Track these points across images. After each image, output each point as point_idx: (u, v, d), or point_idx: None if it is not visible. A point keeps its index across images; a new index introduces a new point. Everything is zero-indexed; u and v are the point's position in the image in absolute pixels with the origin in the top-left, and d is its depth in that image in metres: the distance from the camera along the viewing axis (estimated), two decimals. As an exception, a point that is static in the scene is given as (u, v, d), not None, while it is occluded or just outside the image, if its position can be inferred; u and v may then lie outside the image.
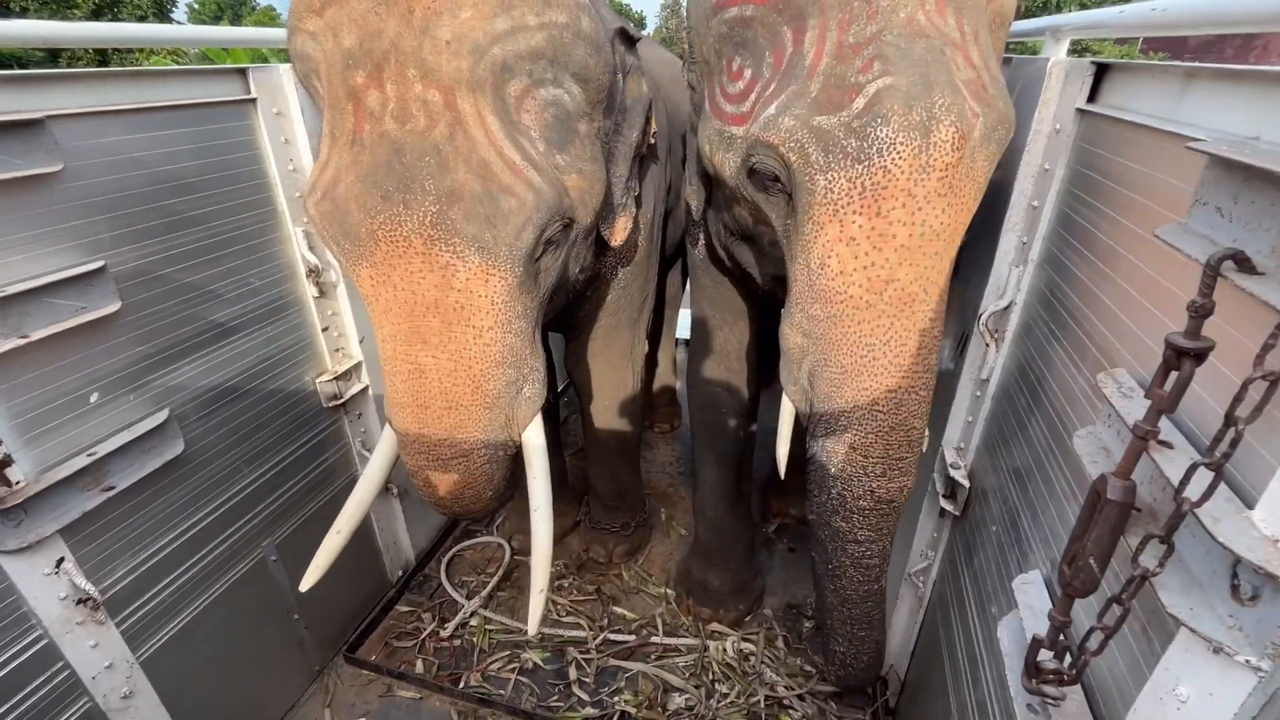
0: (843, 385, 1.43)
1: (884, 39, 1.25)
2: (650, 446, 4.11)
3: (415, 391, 1.51)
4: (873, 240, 1.30)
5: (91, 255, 1.64)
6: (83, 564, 1.71)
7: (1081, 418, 1.27)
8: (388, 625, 2.91)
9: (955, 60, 1.25)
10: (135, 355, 1.79)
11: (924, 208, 1.26)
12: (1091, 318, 1.30)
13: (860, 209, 1.29)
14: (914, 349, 1.37)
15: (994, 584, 1.60)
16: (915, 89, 1.22)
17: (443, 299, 1.42)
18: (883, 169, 1.24)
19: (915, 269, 1.31)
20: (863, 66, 1.25)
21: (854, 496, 1.50)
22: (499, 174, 1.39)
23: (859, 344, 1.38)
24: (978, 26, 1.30)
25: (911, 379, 1.39)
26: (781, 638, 2.80)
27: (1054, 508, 1.33)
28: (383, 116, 1.36)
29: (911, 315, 1.35)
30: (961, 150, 1.24)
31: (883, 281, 1.32)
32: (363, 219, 1.38)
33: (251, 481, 2.22)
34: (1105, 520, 0.86)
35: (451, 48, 1.32)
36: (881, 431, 1.43)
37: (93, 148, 1.62)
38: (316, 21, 1.38)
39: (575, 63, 1.49)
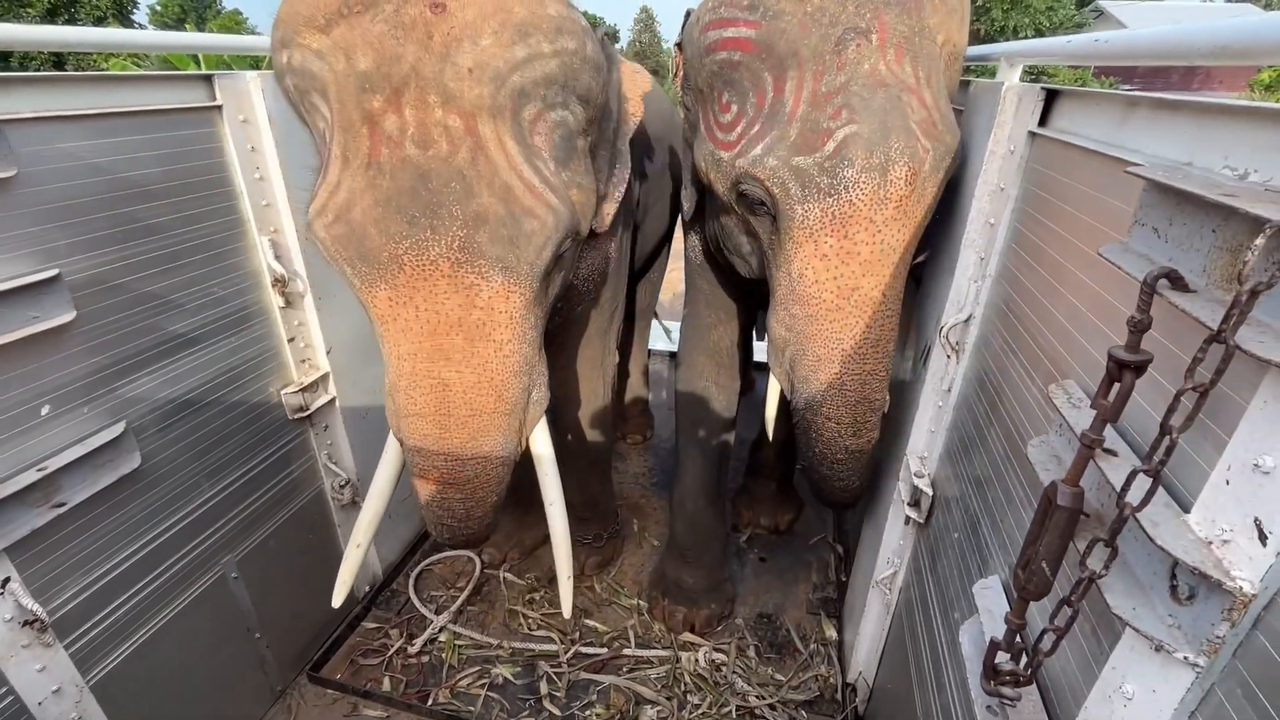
0: (818, 370, 1.75)
1: (850, 89, 1.51)
2: (622, 457, 4.11)
3: (438, 403, 1.53)
4: (841, 257, 1.61)
5: (46, 263, 1.59)
6: (30, 584, 1.64)
7: (1036, 427, 1.32)
8: (354, 642, 2.85)
9: (911, 104, 1.52)
10: (90, 366, 1.74)
11: (883, 230, 1.58)
12: (1044, 331, 1.36)
13: (831, 232, 1.59)
14: (874, 340, 1.70)
15: (956, 589, 1.64)
16: (875, 135, 1.50)
17: (466, 317, 1.46)
18: (849, 201, 1.54)
19: (876, 279, 1.63)
20: (833, 114, 1.52)
21: (833, 452, 1.85)
22: (521, 197, 1.43)
23: (830, 338, 1.70)
24: (931, 70, 1.56)
25: (873, 364, 1.73)
26: (753, 647, 2.81)
27: (1011, 514, 1.37)
28: (402, 141, 1.36)
29: (873, 315, 1.67)
30: (914, 184, 1.54)
31: (849, 289, 1.64)
32: (384, 243, 1.39)
33: (212, 496, 2.16)
34: (1056, 526, 0.90)
35: (474, 75, 1.35)
36: (850, 404, 1.77)
37: (49, 153, 1.58)
38: (322, 39, 1.37)
39: (581, 86, 1.55)
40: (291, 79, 1.46)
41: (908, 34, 1.52)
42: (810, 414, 1.82)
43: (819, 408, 1.79)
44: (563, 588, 1.89)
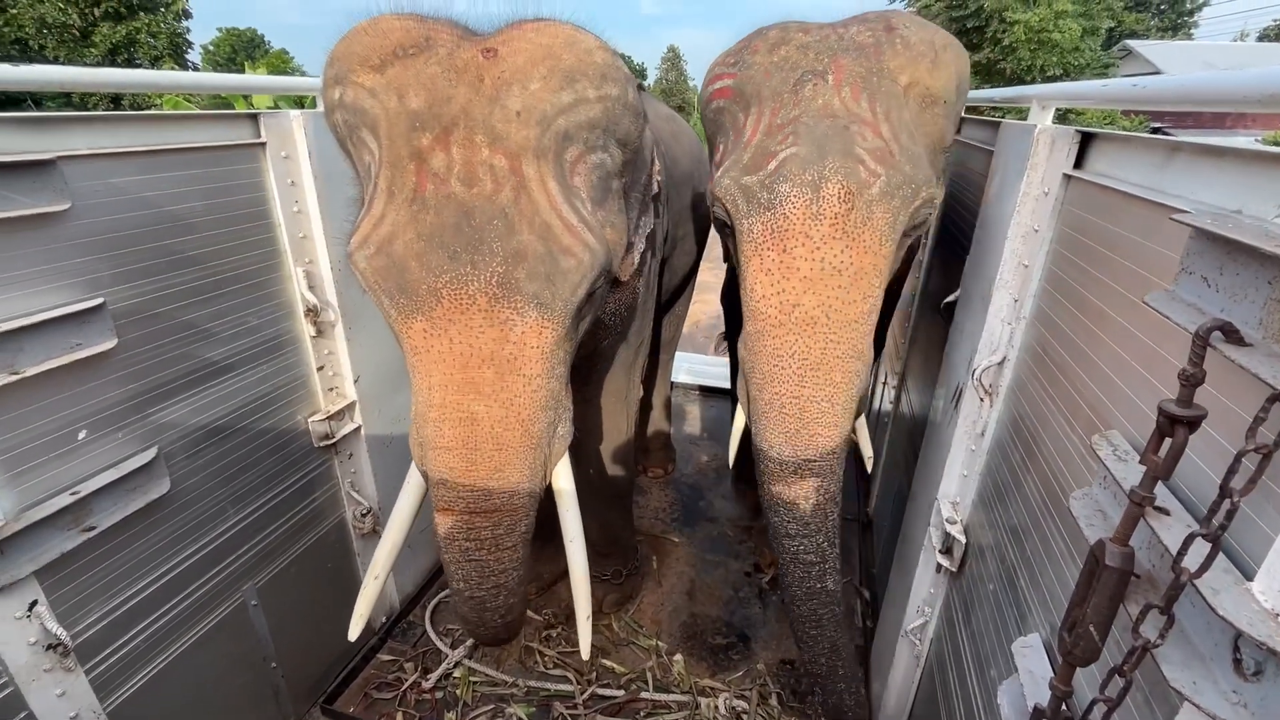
0: (761, 390, 1.71)
1: (800, 120, 1.63)
2: (643, 492, 4.06)
3: (465, 437, 1.52)
4: (782, 271, 1.63)
5: (92, 292, 1.65)
6: (56, 607, 1.66)
7: (1077, 478, 1.27)
8: (368, 674, 2.81)
9: (862, 134, 1.60)
10: (128, 392, 1.78)
11: (820, 247, 1.59)
12: (1084, 378, 1.32)
13: (771, 246, 1.64)
14: (815, 363, 1.63)
15: (992, 645, 1.57)
16: (811, 155, 1.59)
17: (498, 351, 1.47)
18: (784, 215, 1.60)
19: (817, 297, 1.61)
20: (780, 140, 1.64)
21: (771, 495, 1.75)
22: (559, 235, 1.46)
23: (772, 355, 1.67)
24: (890, 108, 1.63)
25: (812, 389, 1.64)
26: (775, 695, 2.71)
27: (1051, 569, 1.31)
28: (448, 178, 1.41)
29: (814, 334, 1.62)
30: (850, 203, 1.57)
31: (791, 305, 1.63)
32: (424, 276, 1.41)
33: (236, 522, 2.18)
34: (1104, 587, 0.85)
35: (521, 118, 1.40)
36: (788, 434, 1.68)
37: (101, 188, 1.64)
38: (375, 78, 1.43)
39: (621, 130, 1.60)
40: (342, 114, 1.52)
41: (864, 74, 1.64)
42: (758, 443, 1.74)
43: (761, 435, 1.73)
44: (581, 628, 1.85)
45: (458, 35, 1.52)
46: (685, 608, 3.19)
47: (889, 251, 1.61)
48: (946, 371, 2.15)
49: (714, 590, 3.31)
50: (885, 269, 1.63)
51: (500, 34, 1.51)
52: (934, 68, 1.69)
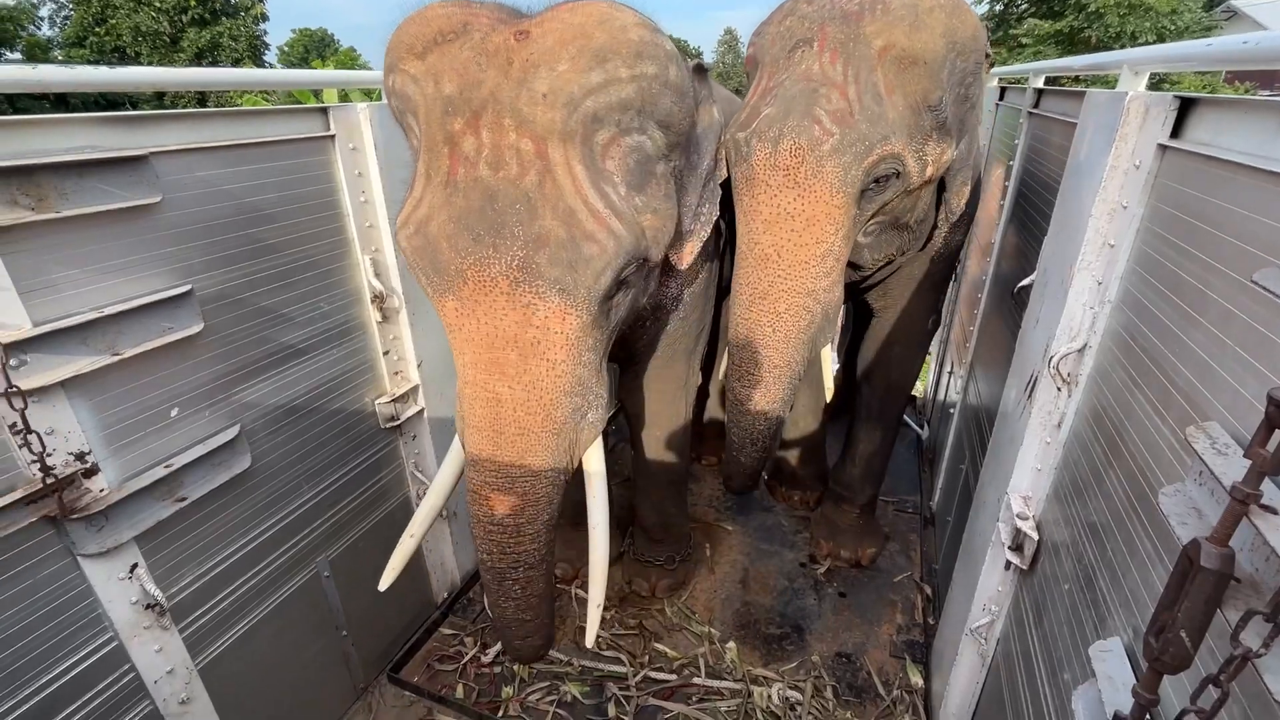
0: (732, 309, 2.10)
1: (784, 83, 1.87)
2: (697, 480, 4.05)
3: (491, 418, 1.58)
4: (749, 213, 1.95)
5: (181, 280, 1.76)
6: (153, 570, 1.80)
7: (1167, 473, 1.18)
8: (431, 647, 2.93)
9: (828, 95, 1.81)
10: (213, 374, 1.90)
11: (777, 195, 1.87)
12: (1178, 365, 1.21)
13: (745, 192, 1.95)
14: (761, 293, 1.98)
15: (1067, 648, 1.48)
16: (778, 115, 1.84)
17: (521, 335, 1.49)
18: (750, 165, 1.89)
19: (771, 238, 1.92)
20: (767, 101, 1.90)
21: (728, 400, 2.20)
22: (583, 221, 1.45)
23: (735, 283, 2.07)
24: (860, 70, 1.82)
25: (757, 314, 2.00)
26: (830, 688, 2.67)
27: (1136, 570, 1.23)
28: (477, 162, 1.43)
29: (764, 269, 1.96)
30: (800, 157, 1.81)
31: (752, 243, 1.97)
32: (453, 257, 1.46)
33: (310, 498, 2.30)
34: (1199, 590, 0.79)
35: (547, 100, 1.39)
36: (736, 346, 2.10)
37: (188, 181, 1.75)
38: (418, 65, 1.47)
39: (661, 111, 1.55)
40: (393, 100, 1.58)
41: (844, 40, 1.83)
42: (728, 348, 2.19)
43: (728, 342, 2.16)
44: (591, 615, 1.82)
45: (497, 19, 1.52)
46: (738, 596, 3.18)
47: (841, 202, 1.86)
48: (1019, 360, 2.03)
49: (768, 580, 3.28)
50: (840, 218, 1.89)
51: (538, 16, 1.50)
52: (913, 30, 1.82)
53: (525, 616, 1.77)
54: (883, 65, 1.83)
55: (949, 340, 4.37)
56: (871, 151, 1.82)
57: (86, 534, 1.62)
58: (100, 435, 1.65)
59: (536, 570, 1.72)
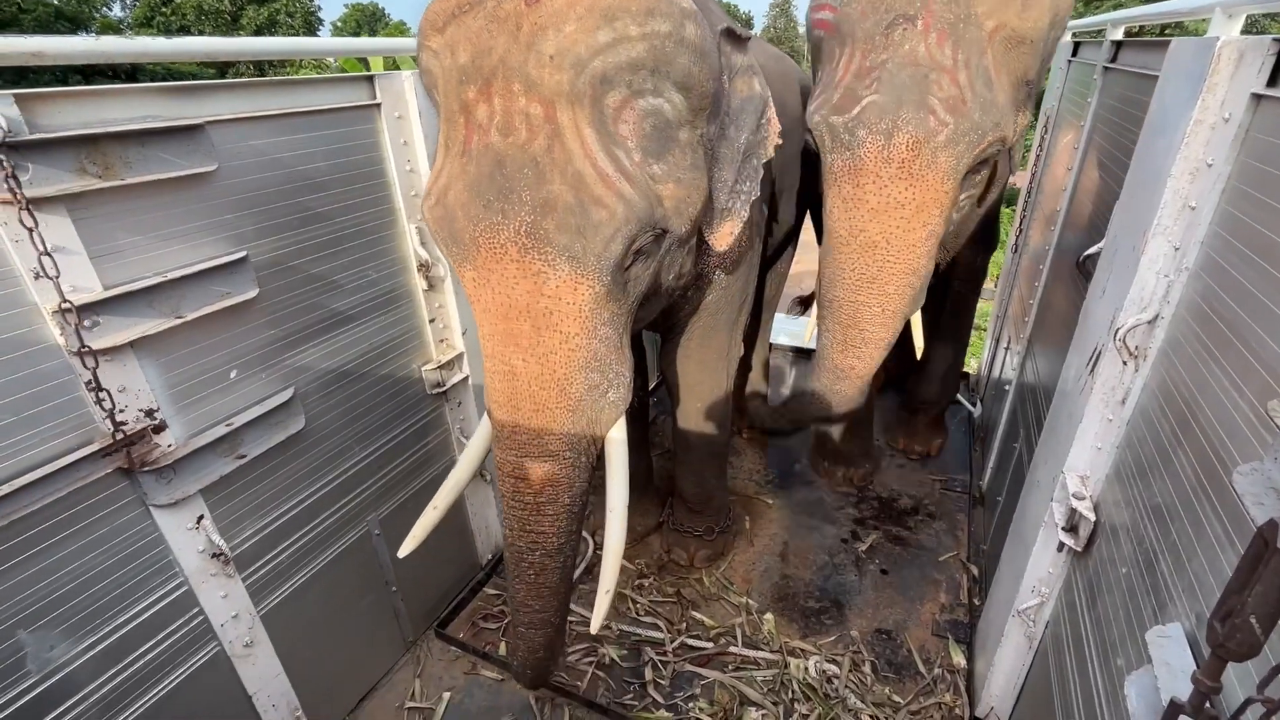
0: (827, 291, 2.17)
1: (886, 66, 1.83)
2: (738, 452, 4.03)
3: (509, 392, 1.59)
4: (853, 202, 1.98)
5: (237, 246, 1.83)
6: (218, 522, 1.91)
7: (1243, 451, 1.09)
8: (475, 606, 3.04)
9: (939, 82, 1.79)
10: (268, 338, 1.98)
11: (888, 186, 1.90)
12: (1263, 336, 1.12)
13: (847, 180, 1.98)
14: (870, 278, 2.02)
15: (1121, 633, 1.42)
16: (888, 105, 1.83)
17: (534, 304, 1.49)
18: (859, 157, 1.90)
19: (880, 225, 1.96)
20: (867, 84, 1.87)
21: (822, 359, 2.28)
22: (591, 186, 1.42)
23: (838, 267, 2.10)
24: (971, 55, 1.80)
25: (866, 296, 2.06)
26: (869, 663, 2.65)
27: (1203, 553, 1.15)
28: (489, 129, 1.43)
29: (873, 255, 2.00)
30: (917, 150, 1.83)
31: (857, 230, 2.00)
32: (467, 225, 1.47)
33: (361, 459, 2.40)
34: (1274, 574, 0.73)
35: (554, 62, 1.36)
36: (841, 324, 2.17)
37: (243, 149, 1.80)
38: (439, 39, 1.47)
39: (678, 71, 1.48)
40: (423, 78, 1.60)
41: (952, 20, 1.77)
42: (820, 323, 2.27)
43: (823, 320, 2.23)
44: (600, 601, 1.74)
45: None
46: (777, 569, 3.17)
47: (950, 188, 1.89)
48: (1082, 333, 1.92)
49: (807, 554, 3.25)
50: (947, 202, 1.92)
51: None
52: (1024, 9, 1.79)
53: (534, 605, 1.76)
54: (993, 47, 1.80)
55: (1005, 315, 4.17)
56: (984, 139, 1.83)
57: (157, 486, 1.72)
58: (167, 394, 1.74)
59: (553, 559, 1.71)
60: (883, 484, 3.73)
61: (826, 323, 2.20)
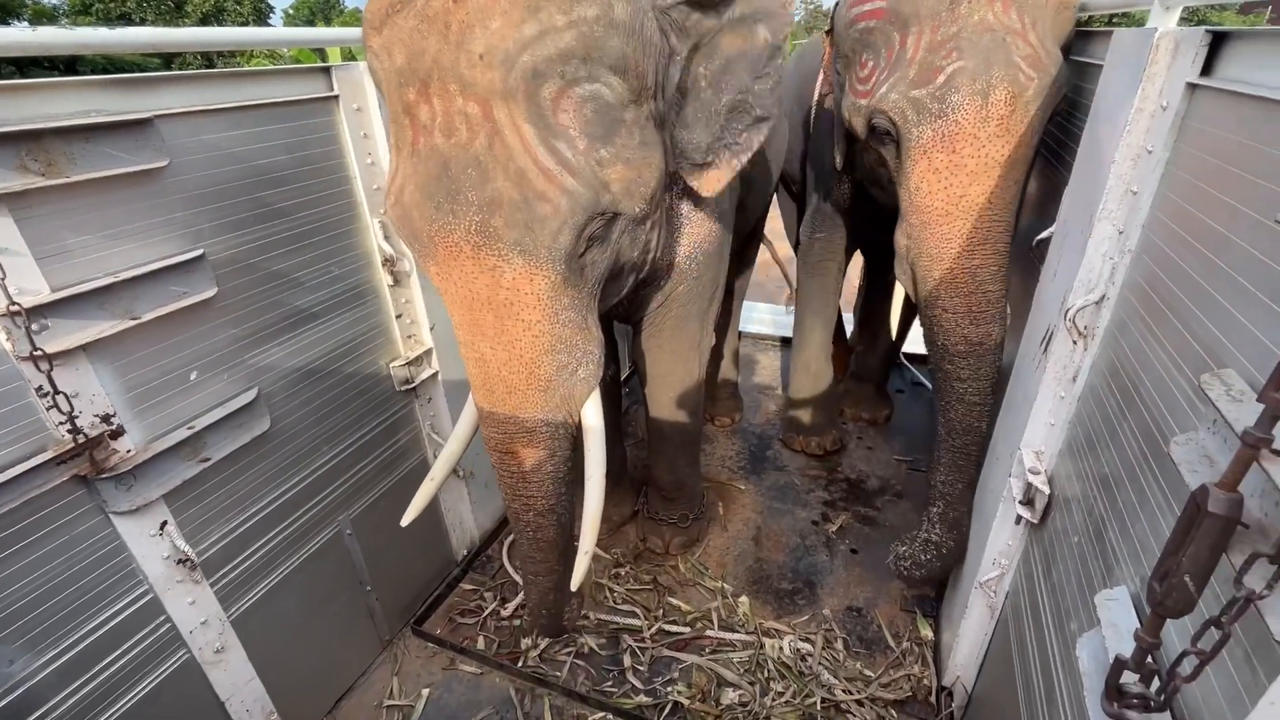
0: (933, 267, 2.10)
1: (961, 35, 1.88)
2: (710, 440, 4.08)
3: (482, 377, 1.68)
4: (950, 169, 1.97)
5: (193, 244, 1.78)
6: (183, 527, 1.87)
7: (1181, 423, 1.16)
8: (452, 602, 3.03)
9: (1015, 44, 1.85)
10: (229, 337, 1.93)
11: (986, 146, 1.91)
12: (1198, 314, 1.18)
13: (941, 149, 1.96)
14: (982, 239, 2.00)
15: (1074, 598, 1.50)
16: (979, 67, 1.86)
17: (494, 296, 1.54)
18: (955, 122, 1.91)
19: (982, 187, 1.95)
20: (945, 55, 1.90)
21: (953, 343, 2.14)
22: (534, 181, 1.44)
23: (941, 240, 2.05)
24: (1036, 17, 1.87)
25: (981, 258, 2.03)
26: (841, 640, 2.72)
27: (1145, 520, 1.22)
28: (433, 130, 1.44)
29: (980, 219, 1.98)
30: (1014, 105, 1.87)
31: (958, 196, 1.98)
32: (423, 225, 1.51)
33: (330, 459, 2.36)
34: (1205, 535, 0.78)
35: (485, 60, 1.36)
36: (964, 294, 2.08)
37: (195, 144, 1.75)
38: (377, 39, 1.47)
39: (611, 54, 1.45)
40: (370, 75, 1.62)
41: None
42: (930, 308, 2.16)
43: (936, 300, 2.13)
44: (579, 561, 1.88)
45: None
46: (751, 553, 3.23)
47: (1035, 142, 1.94)
48: (1036, 314, 1.99)
49: (780, 537, 3.33)
50: (1032, 156, 1.97)
51: None
52: None
53: (537, 556, 1.92)
54: (1049, 10, 1.90)
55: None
56: (1060, 93, 1.91)
57: (117, 492, 1.68)
58: (124, 398, 1.69)
59: (545, 518, 1.85)
60: (851, 466, 3.82)
61: (946, 301, 2.09)
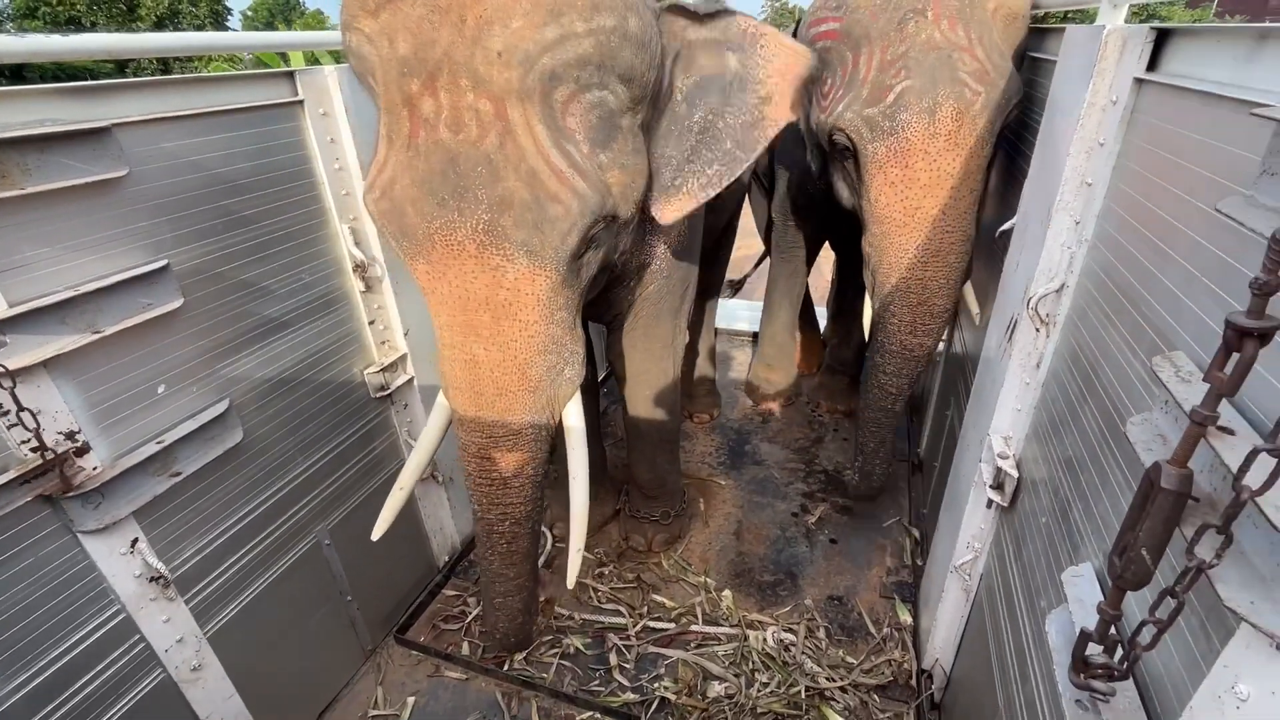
0: (889, 275, 2.22)
1: (909, 55, 1.95)
2: (689, 437, 4.11)
3: (470, 379, 1.63)
4: (905, 183, 2.06)
5: (156, 255, 1.74)
6: (154, 544, 1.83)
7: (1137, 405, 1.21)
8: (435, 608, 3.01)
9: (962, 60, 1.92)
10: (197, 349, 1.90)
11: (936, 160, 1.99)
12: (1149, 299, 1.24)
13: (895, 164, 2.05)
14: (934, 250, 2.10)
15: (1043, 577, 1.55)
16: (925, 85, 1.94)
17: (493, 296, 1.51)
18: (905, 138, 1.99)
19: (935, 199, 2.04)
20: (894, 74, 1.98)
21: (890, 345, 2.34)
22: (546, 182, 1.43)
23: (898, 249, 2.15)
24: (982, 33, 1.94)
25: (933, 271, 2.14)
26: (823, 629, 2.77)
27: (1107, 498, 1.27)
28: (437, 124, 1.40)
29: (934, 230, 2.08)
30: (960, 120, 1.94)
31: (912, 208, 2.08)
32: (419, 221, 1.45)
33: (305, 469, 2.33)
34: (1159, 510, 0.82)
35: (503, 59, 1.35)
36: (911, 305, 2.23)
37: (155, 152, 1.71)
38: (371, 23, 1.42)
39: (622, 65, 1.50)
40: (351, 61, 1.54)
41: (959, 6, 1.92)
42: (881, 312, 2.32)
43: (887, 306, 2.28)
44: (572, 559, 1.91)
45: None
46: (733, 547, 3.26)
47: (987, 152, 2.03)
48: (1000, 304, 2.05)
49: (761, 530, 3.37)
50: (984, 166, 2.05)
51: None
52: None
53: (509, 572, 1.87)
54: (996, 24, 1.97)
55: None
56: (1009, 104, 1.98)
57: (84, 511, 1.63)
58: (88, 414, 1.65)
59: (522, 526, 1.81)
60: (828, 458, 3.88)
61: (894, 309, 2.25)
